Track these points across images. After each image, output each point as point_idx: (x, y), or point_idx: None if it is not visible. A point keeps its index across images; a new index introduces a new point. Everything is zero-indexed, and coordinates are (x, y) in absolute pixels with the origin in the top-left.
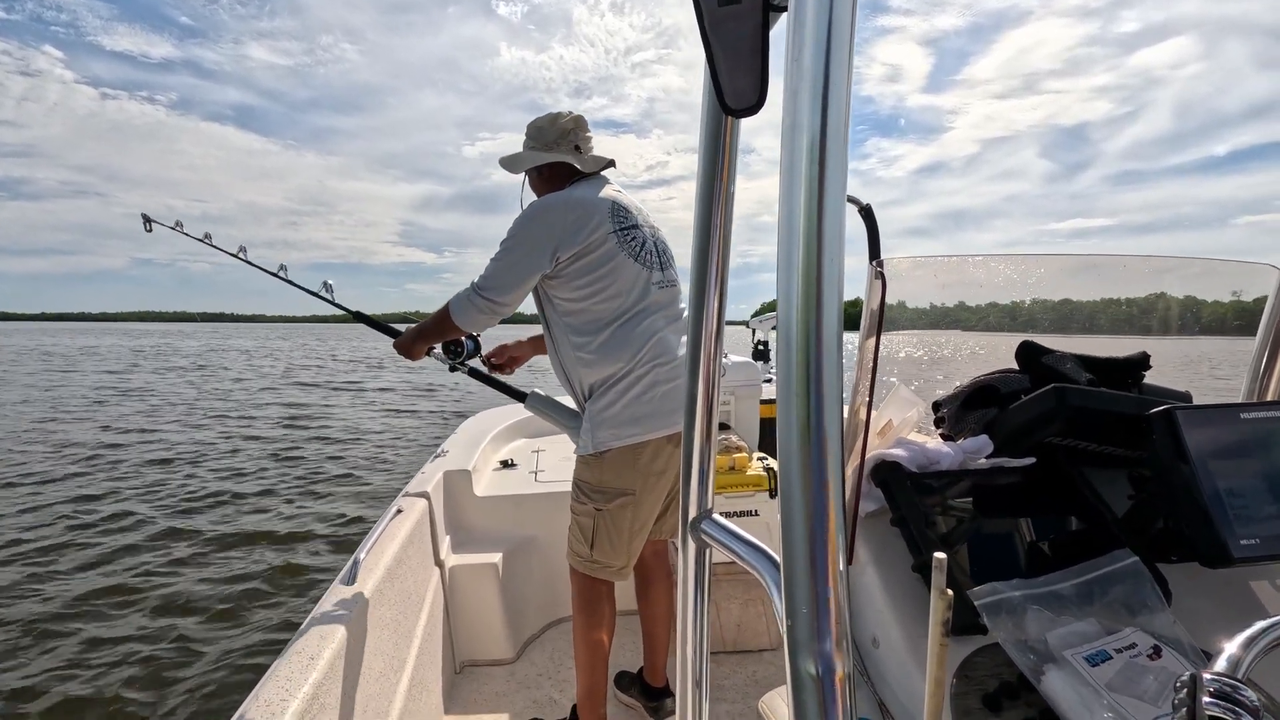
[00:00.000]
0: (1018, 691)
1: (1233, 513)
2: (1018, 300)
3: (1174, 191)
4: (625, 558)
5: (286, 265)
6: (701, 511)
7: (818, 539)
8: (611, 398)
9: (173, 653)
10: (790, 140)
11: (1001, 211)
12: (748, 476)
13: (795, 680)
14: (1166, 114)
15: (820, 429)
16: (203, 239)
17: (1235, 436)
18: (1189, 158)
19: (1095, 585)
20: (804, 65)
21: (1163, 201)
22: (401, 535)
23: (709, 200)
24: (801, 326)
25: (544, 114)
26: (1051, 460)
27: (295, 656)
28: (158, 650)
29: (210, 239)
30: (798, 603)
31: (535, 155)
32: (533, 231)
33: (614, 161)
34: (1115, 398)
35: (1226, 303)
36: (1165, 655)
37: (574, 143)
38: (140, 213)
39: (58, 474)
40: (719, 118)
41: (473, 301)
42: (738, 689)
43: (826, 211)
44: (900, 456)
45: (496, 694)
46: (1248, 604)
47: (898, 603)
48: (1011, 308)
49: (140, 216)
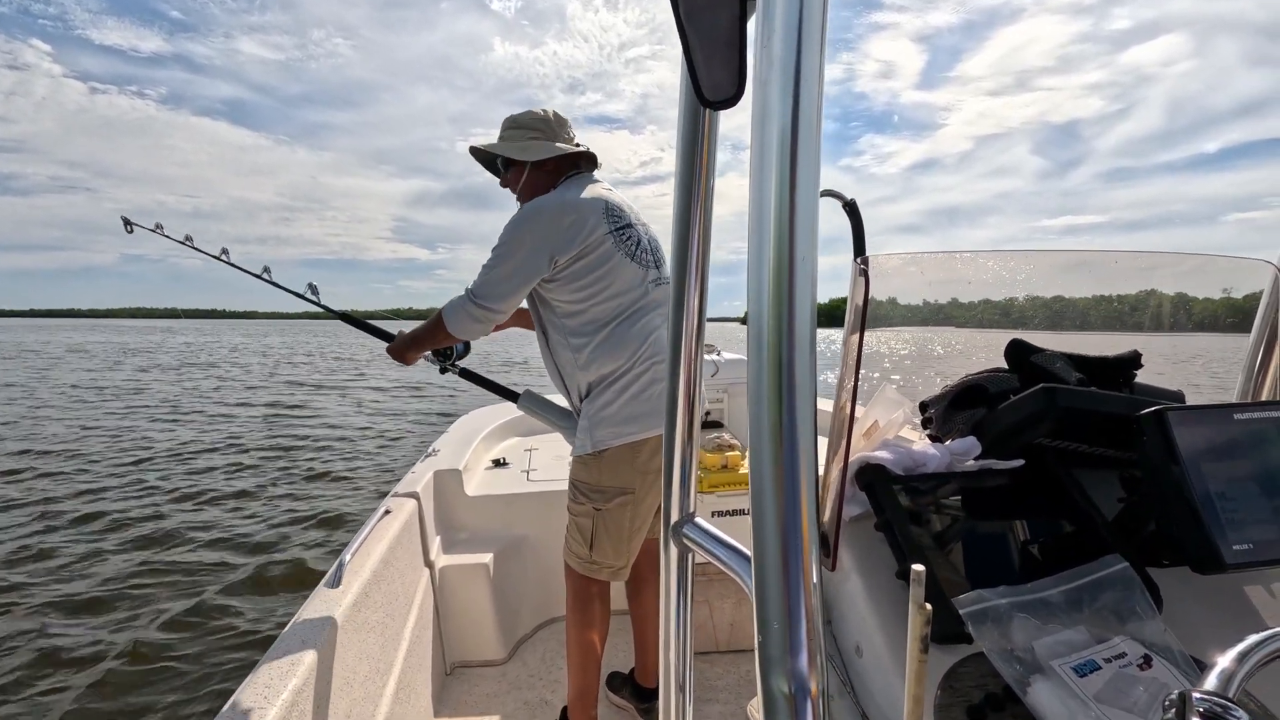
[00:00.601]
0: (1003, 703)
1: (1225, 517)
2: (1010, 297)
3: (1165, 189)
4: (625, 557)
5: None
6: (683, 515)
7: (790, 550)
8: (610, 396)
9: (150, 658)
10: (760, 130)
11: (994, 208)
12: (740, 475)
13: (767, 698)
14: (1158, 111)
15: (793, 432)
16: (183, 241)
17: (1228, 438)
18: (1180, 155)
19: (1084, 592)
20: (774, 53)
21: (1154, 199)
22: (389, 536)
23: (688, 194)
24: (773, 321)
25: (525, 111)
26: (1041, 462)
27: (275, 661)
28: (134, 655)
29: (191, 240)
30: (769, 616)
31: (547, 146)
32: (529, 236)
33: (598, 160)
34: (1106, 398)
35: (1218, 299)
36: (1156, 665)
37: (572, 136)
38: (120, 215)
39: (32, 472)
40: (697, 110)
41: (467, 310)
42: (730, 689)
43: (799, 203)
44: (886, 459)
45: (488, 695)
46: (1240, 610)
47: (882, 610)
48: (1004, 305)
49: (121, 220)
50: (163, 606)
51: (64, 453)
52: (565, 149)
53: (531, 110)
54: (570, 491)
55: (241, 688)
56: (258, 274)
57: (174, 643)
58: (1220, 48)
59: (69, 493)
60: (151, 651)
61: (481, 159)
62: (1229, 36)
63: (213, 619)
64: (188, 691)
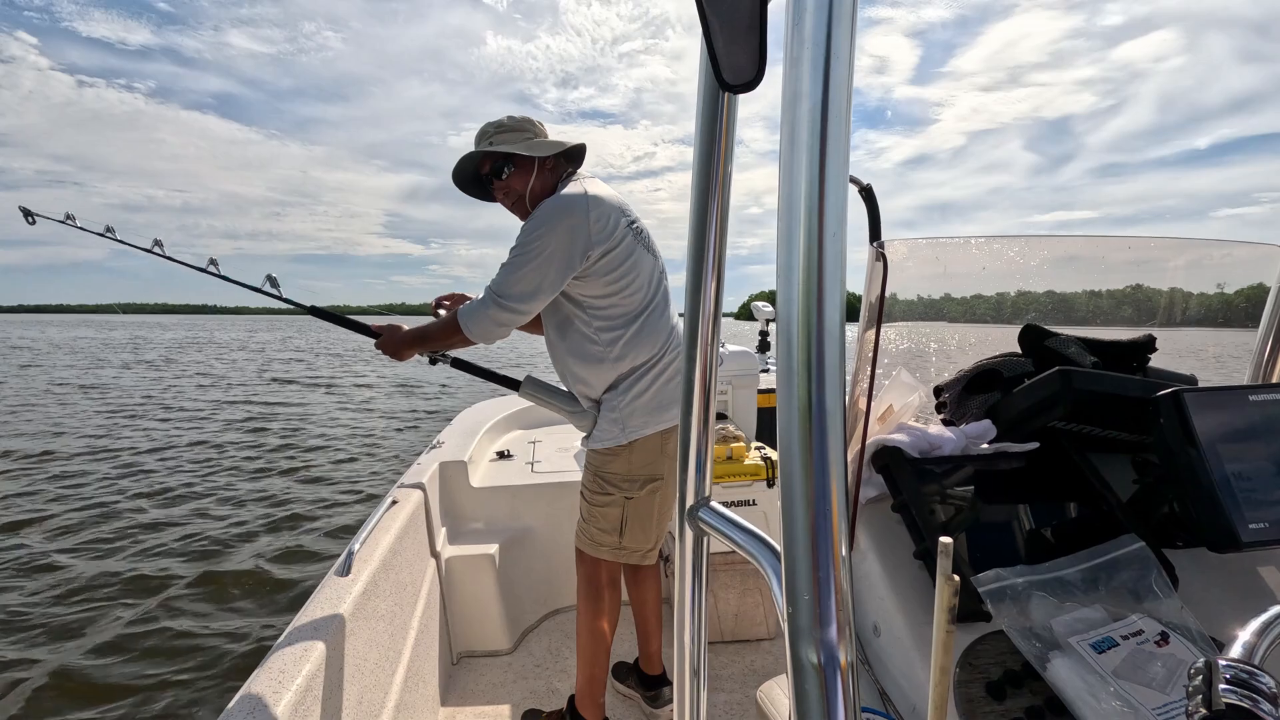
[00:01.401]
0: (1022, 679)
1: (1241, 496)
2: (1022, 287)
3: (1156, 184)
4: (653, 539)
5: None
6: (699, 499)
7: (820, 523)
8: (643, 386)
9: (163, 644)
10: (792, 110)
11: (987, 204)
12: (745, 466)
13: (796, 669)
14: (1149, 107)
15: (822, 408)
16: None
17: (1243, 419)
18: (1171, 151)
19: (1101, 571)
20: (805, 32)
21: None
22: (396, 527)
23: (706, 182)
24: (803, 302)
25: (504, 116)
26: (1055, 445)
27: (289, 648)
28: (147, 641)
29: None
30: (799, 589)
31: (552, 143)
32: (563, 232)
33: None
34: (1121, 381)
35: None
36: (1173, 642)
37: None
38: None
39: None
40: (716, 95)
41: (490, 314)
42: (735, 679)
43: (828, 181)
44: (902, 442)
45: (494, 684)
46: (1256, 589)
47: (900, 590)
48: (1016, 296)
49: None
50: (174, 592)
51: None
52: (568, 143)
53: (506, 117)
54: (594, 483)
55: (257, 672)
56: (202, 268)
57: (189, 623)
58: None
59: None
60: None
61: (469, 167)
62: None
63: (228, 603)
64: (199, 672)
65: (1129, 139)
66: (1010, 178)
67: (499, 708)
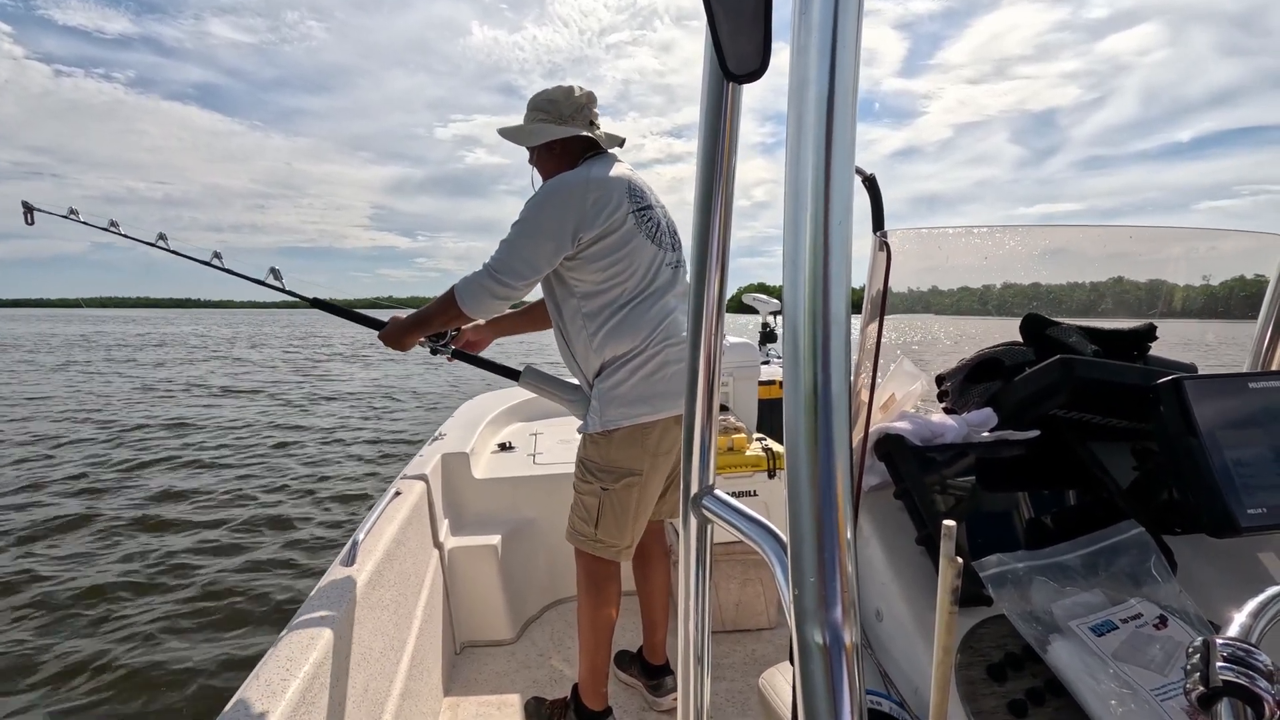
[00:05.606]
0: (1022, 662)
1: (1240, 482)
2: (1027, 278)
3: (1139, 177)
4: (629, 537)
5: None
6: (703, 487)
7: (825, 506)
8: (622, 376)
9: (169, 634)
10: (798, 98)
11: (973, 196)
12: (746, 457)
13: (802, 650)
14: (1133, 100)
15: (828, 393)
16: (107, 228)
17: (1243, 406)
18: (1154, 144)
19: (1100, 556)
20: (813, 19)
21: (1128, 187)
22: (400, 517)
23: (710, 173)
24: (810, 289)
25: (555, 86)
26: (1056, 433)
27: (294, 637)
28: (154, 632)
29: (117, 226)
30: (805, 571)
31: (550, 129)
32: (553, 211)
33: (624, 140)
34: (1122, 369)
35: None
36: (1171, 625)
37: (588, 118)
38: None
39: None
40: (721, 85)
41: (485, 286)
42: (737, 667)
43: (834, 170)
44: (904, 429)
45: (497, 674)
46: (1254, 574)
47: (902, 575)
48: (1021, 287)
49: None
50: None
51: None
52: (567, 132)
53: (553, 87)
54: (578, 469)
55: (265, 658)
56: (207, 261)
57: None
58: (1194, 38)
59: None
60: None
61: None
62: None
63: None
64: (205, 662)
65: (1113, 132)
66: (996, 170)
67: (503, 697)
